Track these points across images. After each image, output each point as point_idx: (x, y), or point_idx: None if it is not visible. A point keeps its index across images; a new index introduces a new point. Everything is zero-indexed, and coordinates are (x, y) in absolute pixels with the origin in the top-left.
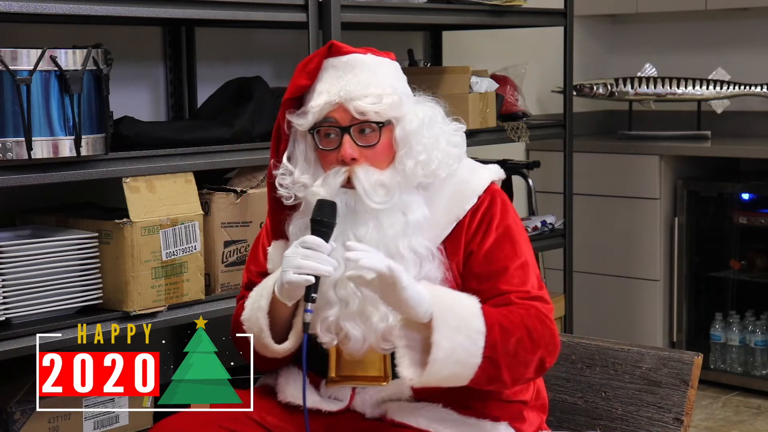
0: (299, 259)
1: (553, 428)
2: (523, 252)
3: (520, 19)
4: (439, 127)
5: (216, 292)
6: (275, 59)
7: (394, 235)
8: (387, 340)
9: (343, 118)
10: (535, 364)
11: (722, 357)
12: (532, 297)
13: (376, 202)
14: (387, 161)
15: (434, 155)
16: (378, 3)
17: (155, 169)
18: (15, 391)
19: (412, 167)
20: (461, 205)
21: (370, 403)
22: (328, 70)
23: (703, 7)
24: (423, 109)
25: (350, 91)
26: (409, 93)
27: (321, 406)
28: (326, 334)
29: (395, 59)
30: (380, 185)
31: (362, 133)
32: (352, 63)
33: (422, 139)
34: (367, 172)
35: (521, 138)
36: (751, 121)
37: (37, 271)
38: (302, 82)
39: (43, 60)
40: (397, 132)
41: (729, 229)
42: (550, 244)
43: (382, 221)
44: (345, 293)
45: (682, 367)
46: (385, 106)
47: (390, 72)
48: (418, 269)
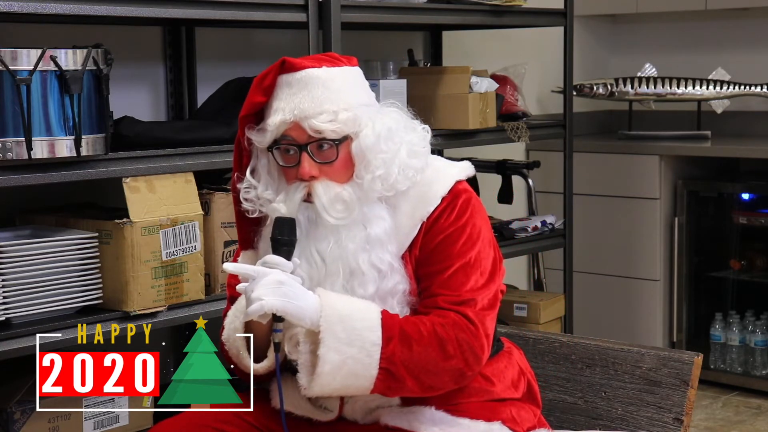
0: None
1: (553, 428)
2: (467, 251)
3: (520, 19)
4: (400, 138)
5: (216, 292)
6: (275, 59)
7: (354, 250)
8: None
9: (300, 136)
10: (449, 374)
11: (722, 357)
12: (462, 302)
13: (335, 217)
14: (347, 175)
15: (393, 169)
16: (378, 3)
17: (155, 169)
18: (15, 391)
19: (370, 182)
20: (424, 207)
21: (360, 411)
22: (283, 87)
23: (703, 7)
24: (382, 120)
25: (304, 109)
26: (368, 102)
27: (313, 415)
28: (295, 351)
29: (356, 64)
30: (339, 201)
31: (320, 149)
32: (306, 80)
33: (379, 154)
34: (326, 187)
35: (521, 138)
36: (751, 121)
37: (37, 271)
38: (258, 98)
39: (43, 60)
40: (354, 147)
41: (729, 229)
42: (550, 244)
43: (341, 236)
44: None
45: (682, 367)
46: (340, 123)
47: (346, 85)
48: (377, 285)
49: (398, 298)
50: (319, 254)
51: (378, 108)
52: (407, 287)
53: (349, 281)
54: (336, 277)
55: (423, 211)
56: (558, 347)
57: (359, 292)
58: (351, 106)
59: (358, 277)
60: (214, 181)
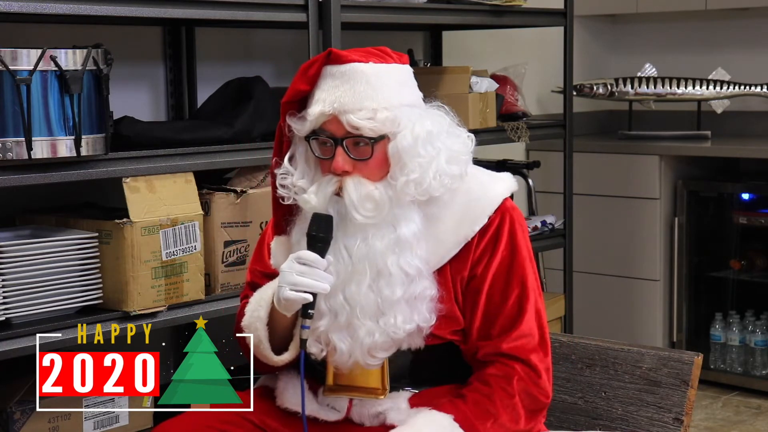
0: (295, 276)
1: (553, 428)
2: (521, 284)
3: (520, 19)
4: (441, 143)
5: (216, 292)
6: (275, 59)
7: (382, 250)
8: (372, 356)
9: (337, 130)
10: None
11: (722, 357)
12: (520, 355)
13: (363, 215)
14: (381, 174)
15: (428, 174)
16: (378, 3)
17: (155, 169)
18: (15, 391)
19: (404, 184)
20: (470, 225)
21: (367, 415)
22: (327, 78)
23: (703, 7)
24: (424, 123)
25: (344, 103)
26: (412, 102)
27: (319, 414)
28: (315, 345)
29: (407, 61)
30: (369, 199)
31: (357, 145)
32: (350, 73)
33: (416, 158)
34: (357, 184)
35: (521, 138)
36: (751, 121)
37: (37, 271)
38: (301, 87)
39: (43, 60)
40: (390, 148)
41: (729, 229)
42: (550, 244)
43: (369, 234)
44: (334, 304)
45: (682, 367)
46: (379, 122)
47: (390, 82)
48: (404, 288)
49: (427, 304)
50: (347, 250)
51: (422, 110)
52: (435, 294)
53: (376, 281)
54: (363, 276)
55: (468, 230)
56: (558, 347)
57: (386, 293)
58: (392, 105)
59: (385, 278)
60: (214, 181)
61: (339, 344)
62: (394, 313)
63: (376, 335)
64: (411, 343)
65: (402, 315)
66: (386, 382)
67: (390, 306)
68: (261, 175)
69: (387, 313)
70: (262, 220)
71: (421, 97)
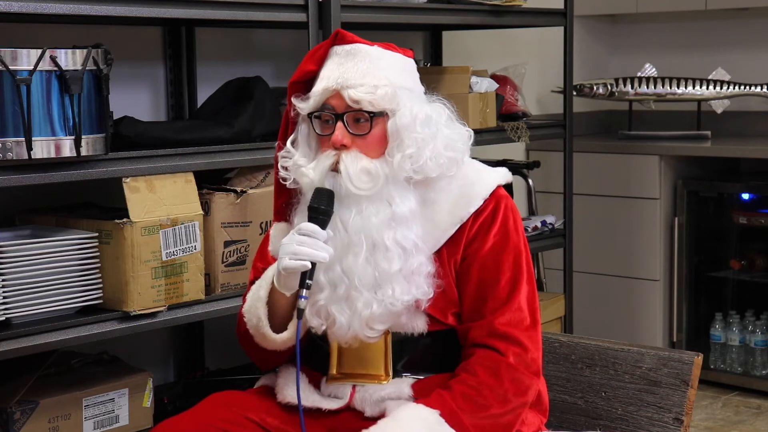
0: (295, 246)
1: (553, 428)
2: (514, 266)
3: (520, 19)
4: (439, 129)
5: (216, 292)
6: (275, 59)
7: (378, 225)
8: (371, 328)
9: (339, 105)
10: (512, 405)
11: (722, 357)
12: (512, 335)
13: (358, 187)
14: (379, 151)
15: (425, 152)
16: (378, 3)
17: (155, 169)
18: (15, 391)
19: (400, 160)
20: (465, 207)
21: (369, 401)
22: (333, 57)
23: (703, 7)
24: (423, 107)
25: (347, 78)
26: (413, 89)
27: (321, 404)
28: (315, 319)
29: (412, 56)
30: (365, 172)
31: (357, 121)
32: (354, 51)
33: (413, 134)
34: (354, 158)
35: (521, 138)
36: (751, 121)
37: (37, 271)
38: (309, 67)
39: (43, 60)
40: (389, 124)
41: (729, 229)
42: (550, 244)
43: (363, 207)
44: (333, 276)
45: (682, 367)
46: (378, 96)
47: (393, 65)
48: (402, 262)
49: (425, 277)
50: (342, 224)
51: (423, 98)
52: (432, 270)
53: (372, 254)
54: (359, 248)
55: (463, 212)
56: (558, 347)
57: (383, 266)
58: (392, 83)
59: (381, 251)
60: (214, 181)
61: (338, 316)
62: (392, 285)
63: (374, 306)
64: (413, 327)
65: (400, 287)
66: (389, 368)
67: (387, 279)
68: (261, 175)
69: (384, 286)
70: (262, 220)
71: (422, 90)
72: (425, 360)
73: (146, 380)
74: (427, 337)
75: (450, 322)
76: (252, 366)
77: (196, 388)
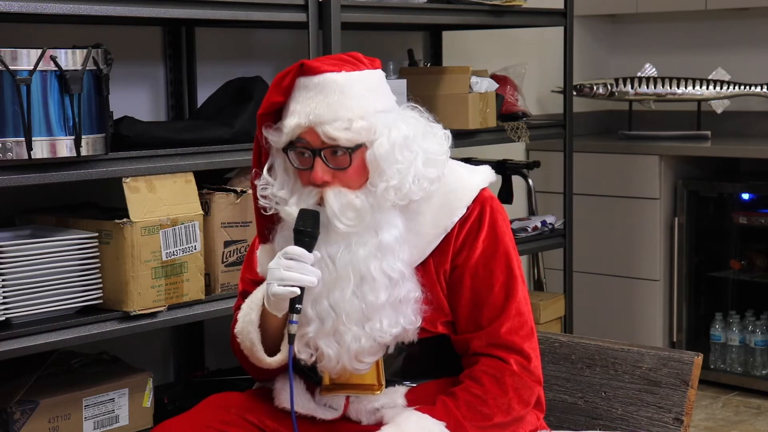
0: (282, 271)
1: (553, 428)
2: (506, 270)
3: (520, 19)
4: (418, 146)
5: (216, 292)
6: (275, 59)
7: (365, 257)
8: (359, 361)
9: (314, 141)
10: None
11: (722, 357)
12: (513, 344)
13: (346, 224)
14: (360, 182)
15: (407, 179)
16: (378, 3)
17: (155, 169)
18: (15, 391)
19: (383, 190)
20: (449, 216)
21: (364, 411)
22: (300, 89)
23: (703, 7)
24: (399, 128)
25: (319, 115)
26: (387, 107)
27: (316, 413)
28: (304, 350)
29: (380, 66)
30: (350, 208)
31: (334, 154)
32: (323, 84)
33: (394, 164)
34: (338, 194)
35: (521, 138)
36: (751, 121)
37: (37, 271)
38: (276, 98)
39: (43, 60)
40: (368, 155)
41: (729, 229)
42: (550, 244)
43: (352, 241)
44: (320, 310)
45: (682, 367)
46: (355, 132)
47: (363, 90)
48: (388, 292)
49: (411, 306)
50: (330, 258)
51: (396, 113)
52: (419, 295)
53: (359, 287)
54: (347, 282)
55: (447, 221)
56: (558, 347)
57: (370, 298)
58: (367, 113)
59: (369, 283)
60: (214, 181)
61: (326, 350)
62: (380, 317)
63: (363, 340)
64: (402, 338)
65: (387, 319)
66: (381, 378)
67: (375, 311)
68: None
69: (372, 318)
70: None
71: (394, 100)
72: (417, 367)
73: (146, 380)
74: (417, 346)
75: (440, 331)
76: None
77: (196, 388)
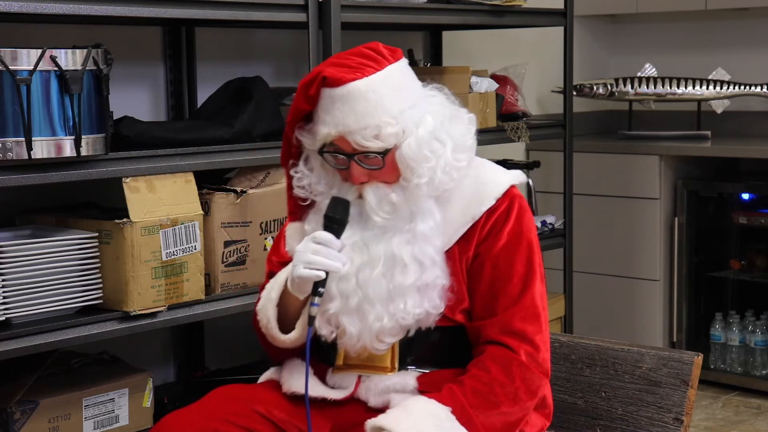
0: (309, 255)
1: (553, 428)
2: (527, 264)
3: (520, 19)
4: (446, 133)
5: (216, 292)
6: (275, 59)
7: (399, 243)
8: (380, 341)
9: (346, 147)
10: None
11: (722, 357)
12: (524, 334)
13: (383, 218)
14: (395, 176)
15: (437, 174)
16: (378, 3)
17: (155, 169)
18: (15, 391)
19: (416, 186)
20: (478, 205)
21: (374, 391)
22: (326, 99)
23: (703, 7)
24: (426, 123)
25: (348, 125)
26: (413, 101)
27: (326, 394)
28: (326, 326)
29: (401, 56)
30: (387, 202)
31: (367, 157)
32: (347, 95)
33: (424, 162)
34: (376, 190)
35: (521, 138)
36: (751, 121)
37: (37, 271)
38: (303, 107)
39: (43, 60)
40: (398, 156)
41: (729, 229)
42: (550, 244)
43: (388, 229)
44: (346, 288)
45: (682, 367)
46: (384, 138)
47: (387, 91)
48: (417, 275)
49: (438, 291)
50: (364, 242)
51: (422, 103)
52: (446, 283)
53: (389, 268)
54: (377, 262)
55: (476, 210)
56: (558, 347)
57: (398, 279)
58: (393, 116)
59: (399, 266)
60: (214, 181)
61: (349, 327)
62: (404, 298)
63: (385, 320)
64: (424, 322)
65: (412, 300)
66: (395, 361)
67: (400, 292)
68: (261, 175)
69: (397, 299)
70: (262, 220)
71: (418, 87)
72: (432, 355)
73: (146, 380)
74: (435, 332)
75: (459, 319)
76: (252, 366)
77: (196, 388)
